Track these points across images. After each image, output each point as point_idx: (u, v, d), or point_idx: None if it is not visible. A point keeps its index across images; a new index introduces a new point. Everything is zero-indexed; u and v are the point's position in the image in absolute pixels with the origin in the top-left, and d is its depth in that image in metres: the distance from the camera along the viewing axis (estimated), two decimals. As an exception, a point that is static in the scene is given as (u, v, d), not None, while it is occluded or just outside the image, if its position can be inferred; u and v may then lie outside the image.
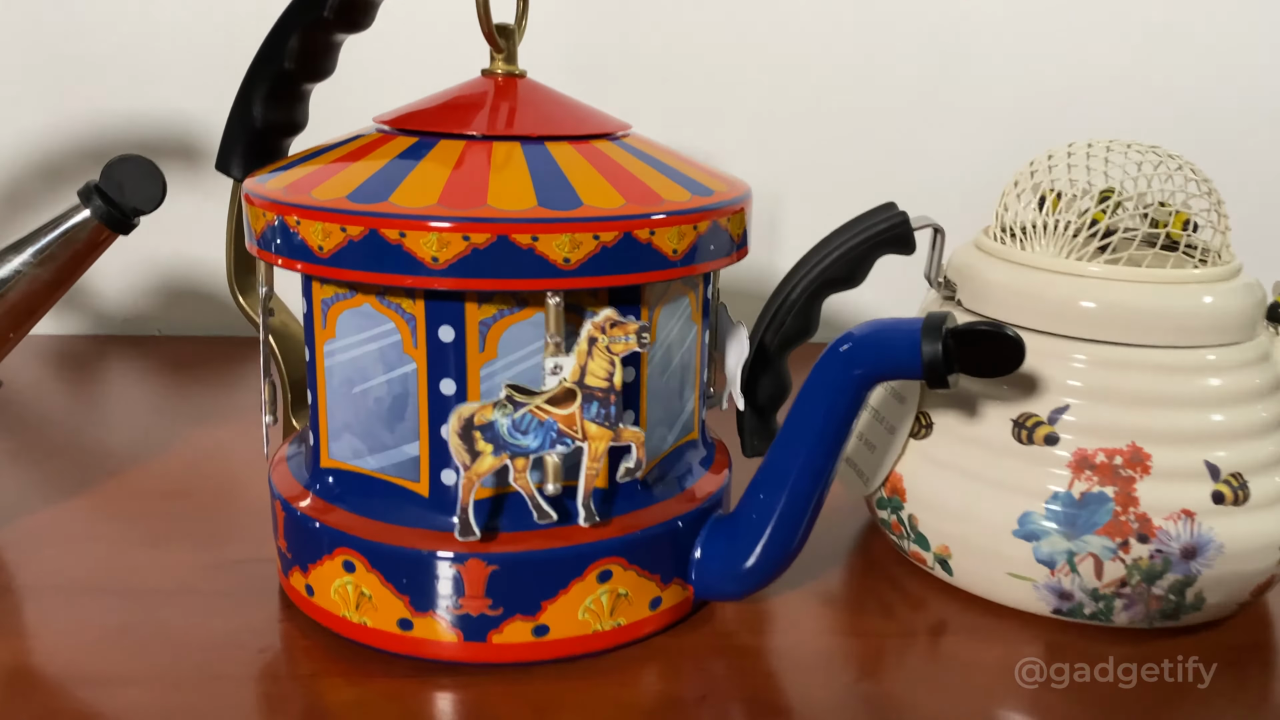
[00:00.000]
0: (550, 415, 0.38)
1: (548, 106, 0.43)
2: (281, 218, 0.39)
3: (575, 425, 0.39)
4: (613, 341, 0.38)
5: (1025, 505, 0.44)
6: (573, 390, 0.38)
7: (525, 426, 0.38)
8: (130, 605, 0.45)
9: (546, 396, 0.38)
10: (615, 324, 0.38)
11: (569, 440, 0.39)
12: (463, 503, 0.39)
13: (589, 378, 0.38)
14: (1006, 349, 0.39)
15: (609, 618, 0.42)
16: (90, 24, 0.79)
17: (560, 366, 0.38)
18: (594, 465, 0.39)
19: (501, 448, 0.38)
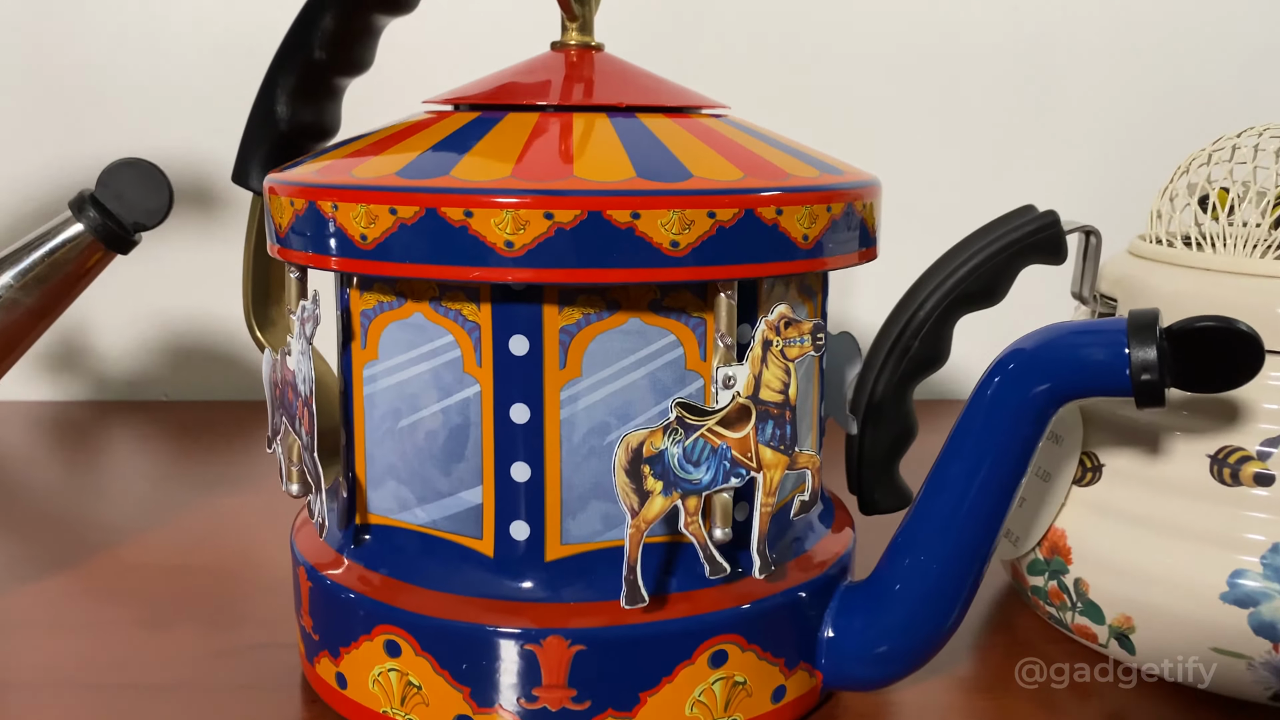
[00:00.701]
0: (724, 439, 0.30)
1: (635, 78, 0.35)
2: (313, 203, 0.31)
3: (749, 451, 0.31)
4: (788, 344, 0.31)
5: (1234, 562, 0.35)
6: (747, 407, 0.30)
7: (697, 456, 0.30)
8: (120, 703, 0.37)
9: (720, 416, 0.30)
10: (790, 323, 0.31)
11: (743, 471, 0.31)
12: (630, 559, 0.30)
13: (764, 390, 0.31)
14: (1241, 350, 0.30)
15: (723, 713, 0.33)
16: (102, 62, 0.73)
17: (733, 378, 0.30)
18: (769, 500, 0.31)
19: (672, 485, 0.30)
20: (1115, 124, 0.77)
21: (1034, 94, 0.76)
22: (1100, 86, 0.77)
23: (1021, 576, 0.42)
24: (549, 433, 0.31)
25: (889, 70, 0.75)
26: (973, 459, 0.33)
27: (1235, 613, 0.35)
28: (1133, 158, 0.76)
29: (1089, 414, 0.40)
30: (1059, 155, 0.77)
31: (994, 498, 0.33)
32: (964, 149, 0.77)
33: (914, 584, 0.34)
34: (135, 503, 0.57)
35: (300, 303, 0.33)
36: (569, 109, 0.33)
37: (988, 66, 0.76)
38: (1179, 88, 0.76)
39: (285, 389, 0.35)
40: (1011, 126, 0.77)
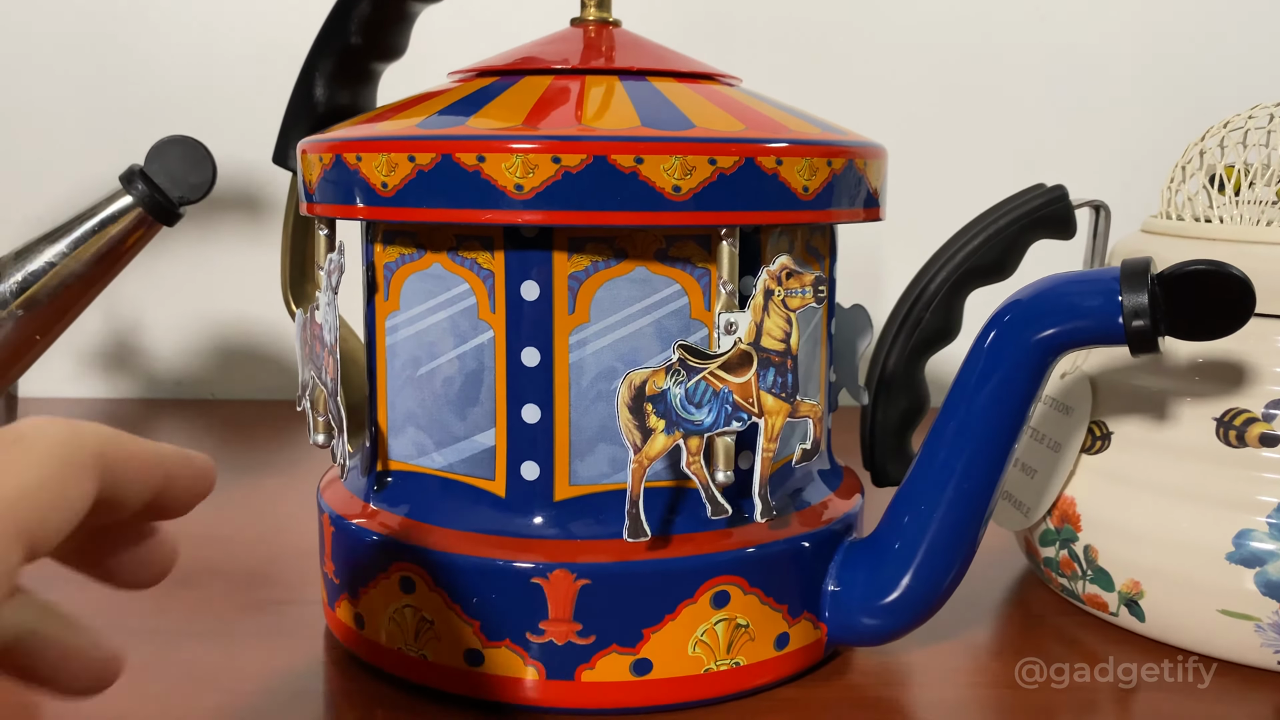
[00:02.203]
0: (726, 384, 0.32)
1: (648, 49, 0.37)
2: (339, 156, 0.33)
3: (751, 396, 0.32)
4: (789, 295, 0.32)
5: (1241, 522, 0.35)
6: (749, 353, 0.32)
7: (699, 398, 0.32)
8: (151, 644, 0.38)
9: (722, 360, 0.32)
10: (791, 273, 0.32)
11: (744, 415, 0.32)
12: (633, 494, 0.32)
13: (765, 338, 0.32)
14: (1233, 293, 0.31)
15: (726, 655, 0.33)
16: (151, 72, 0.76)
17: (735, 324, 0.32)
18: (770, 446, 0.32)
19: (674, 424, 0.31)
20: (1136, 106, 0.77)
21: (1056, 79, 0.77)
22: (1119, 68, 0.77)
23: (1034, 549, 0.42)
24: (558, 376, 0.33)
25: (909, 49, 0.77)
26: (970, 409, 0.33)
27: (1242, 573, 0.35)
28: (1153, 139, 0.77)
29: (1098, 383, 0.41)
30: (1081, 139, 0.78)
31: (993, 449, 0.33)
32: (986, 131, 0.77)
33: (915, 537, 0.35)
34: (178, 484, 0.59)
35: (327, 256, 0.35)
36: (582, 72, 0.35)
37: (1009, 52, 0.77)
38: (1197, 69, 0.77)
39: (314, 343, 0.37)
40: (1038, 113, 0.77)
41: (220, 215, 0.76)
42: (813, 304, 0.32)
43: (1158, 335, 0.31)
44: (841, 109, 0.76)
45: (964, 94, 0.77)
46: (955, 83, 0.77)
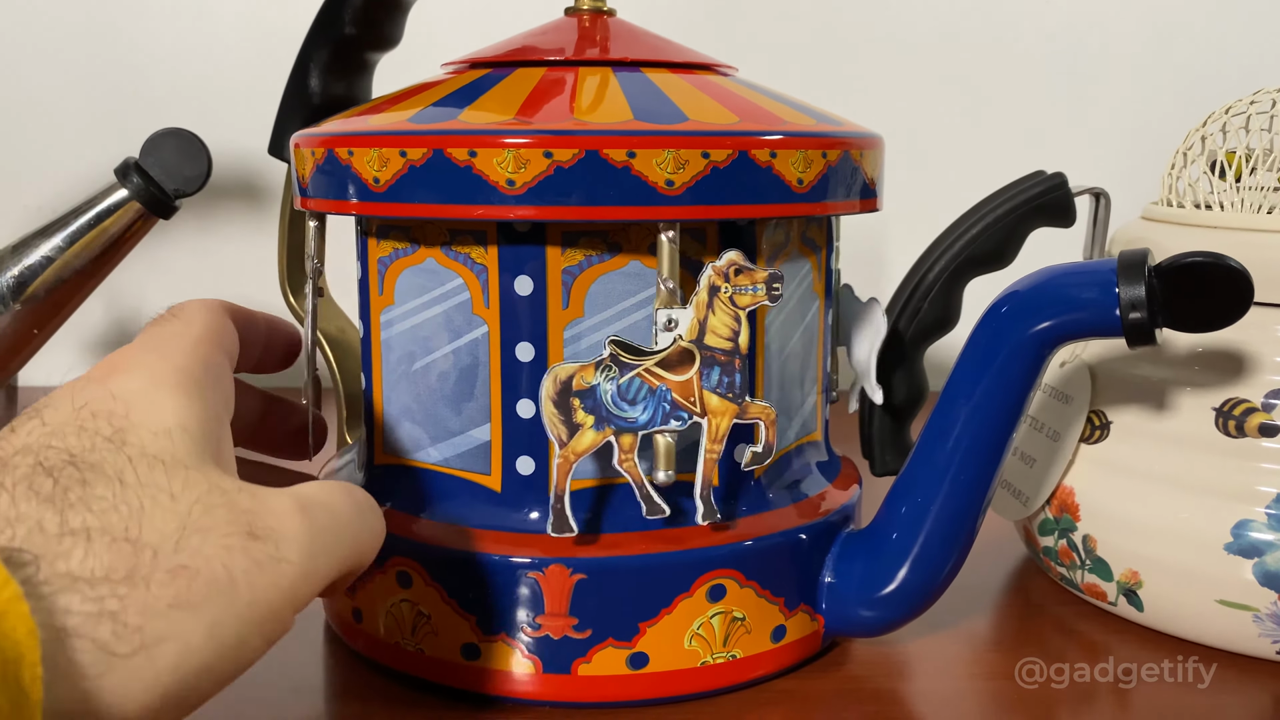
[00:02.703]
0: (663, 381, 0.31)
1: (642, 39, 0.37)
2: (331, 151, 0.33)
3: (692, 395, 0.31)
4: (738, 292, 0.31)
5: (1239, 512, 0.35)
6: (690, 351, 0.31)
7: (633, 394, 0.31)
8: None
9: (659, 358, 0.31)
10: (741, 270, 0.31)
11: (684, 415, 0.31)
12: (558, 488, 0.31)
13: (709, 336, 0.31)
14: (1230, 285, 0.30)
15: (722, 648, 0.33)
16: (152, 62, 0.76)
17: (675, 321, 0.31)
18: (714, 448, 0.32)
19: (604, 420, 0.31)
20: (1138, 92, 0.77)
21: (1057, 65, 0.77)
22: (1121, 54, 0.76)
23: (1033, 538, 0.42)
24: (553, 371, 0.33)
25: (909, 35, 0.76)
26: (968, 401, 0.33)
27: (1240, 563, 0.35)
28: (1154, 125, 0.76)
29: (1098, 372, 0.41)
30: (1083, 125, 0.77)
31: (990, 440, 0.33)
32: (987, 117, 0.77)
33: (912, 528, 0.35)
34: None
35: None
36: (575, 64, 0.34)
37: (1010, 38, 0.76)
38: (1199, 54, 0.76)
39: None
40: (1040, 99, 0.77)
41: (222, 203, 0.76)
42: (765, 302, 0.31)
43: (1155, 328, 0.31)
44: (841, 96, 0.76)
45: (965, 80, 0.77)
46: (956, 69, 0.77)
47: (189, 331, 0.28)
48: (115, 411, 0.23)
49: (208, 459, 0.23)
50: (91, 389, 0.24)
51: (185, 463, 0.23)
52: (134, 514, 0.21)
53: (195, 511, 0.22)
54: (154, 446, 0.23)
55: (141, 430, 0.23)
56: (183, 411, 0.24)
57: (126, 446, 0.22)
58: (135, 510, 0.21)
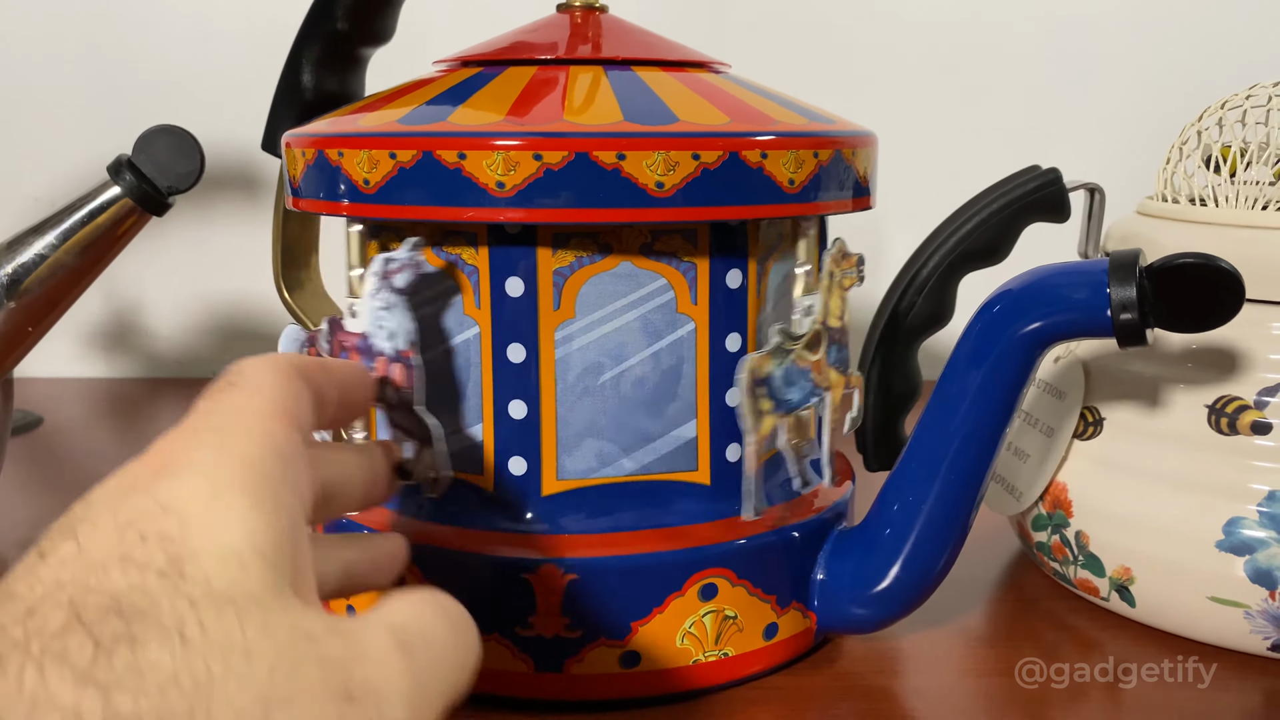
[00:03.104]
0: (807, 363, 0.33)
1: (634, 36, 0.37)
2: (321, 152, 0.33)
3: (822, 372, 0.34)
4: (845, 275, 0.35)
5: (1231, 510, 0.35)
6: (820, 332, 0.34)
7: (793, 377, 0.33)
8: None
9: (805, 341, 0.34)
10: (845, 255, 0.35)
11: (820, 391, 0.34)
12: (756, 476, 0.33)
13: (830, 317, 0.34)
14: (1222, 287, 0.30)
15: (714, 646, 0.34)
16: (149, 53, 0.76)
17: (812, 306, 0.34)
18: (836, 416, 0.35)
19: (777, 405, 0.33)
20: (1134, 86, 0.76)
21: (1054, 62, 0.76)
22: (1117, 48, 0.76)
23: (1027, 533, 0.42)
24: (544, 371, 0.33)
25: (904, 29, 0.76)
26: (960, 400, 0.33)
27: (1232, 560, 0.35)
28: (1150, 119, 0.75)
29: (1091, 369, 0.41)
30: (1079, 119, 0.77)
31: (981, 439, 0.33)
32: (983, 111, 0.77)
33: (904, 525, 0.35)
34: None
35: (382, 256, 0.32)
36: (566, 62, 0.34)
37: (1005, 33, 0.76)
38: (1195, 48, 0.76)
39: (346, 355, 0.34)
40: (1035, 95, 0.76)
41: (219, 196, 0.76)
42: (857, 284, 0.35)
43: (1146, 328, 0.31)
44: (836, 91, 0.75)
45: (960, 75, 0.76)
46: (951, 63, 0.76)
47: (253, 404, 0.22)
48: (169, 532, 0.18)
49: (285, 588, 0.18)
50: (137, 499, 0.19)
51: (260, 599, 0.18)
52: (200, 689, 0.16)
53: (279, 674, 0.17)
54: (221, 579, 0.18)
55: (204, 558, 0.18)
56: (253, 524, 0.19)
57: (186, 583, 0.17)
58: (202, 682, 0.16)
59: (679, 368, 0.33)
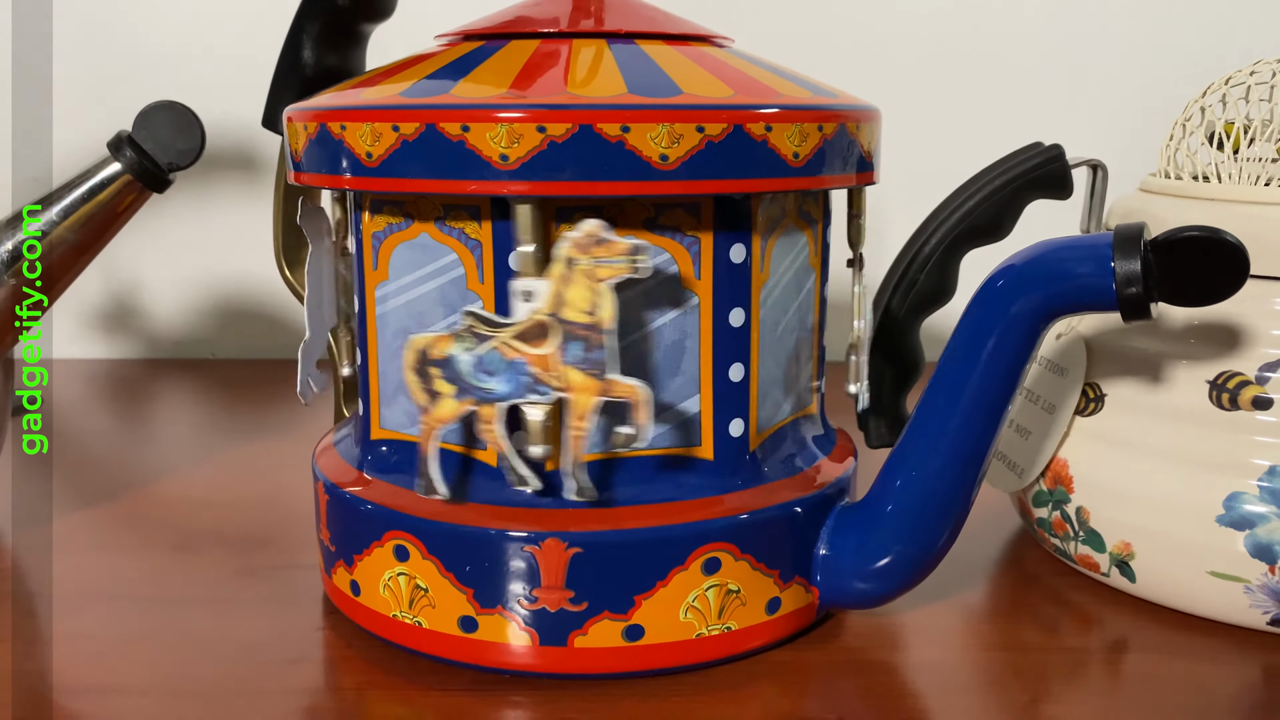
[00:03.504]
0: (520, 355, 0.31)
1: (639, 10, 0.36)
2: (324, 125, 0.33)
3: (552, 370, 0.31)
4: (598, 264, 0.30)
5: (1232, 485, 0.35)
6: (545, 324, 0.30)
7: (492, 366, 0.31)
8: (149, 613, 0.39)
9: (516, 330, 0.31)
10: (601, 241, 0.30)
11: (546, 389, 0.31)
12: (423, 452, 0.32)
13: (567, 310, 0.30)
14: (1226, 260, 0.30)
15: (717, 620, 0.34)
16: (146, 30, 0.75)
17: (533, 293, 0.30)
18: (578, 425, 0.31)
19: (465, 391, 0.31)
20: (1137, 62, 0.76)
21: (1057, 38, 0.76)
22: (1121, 24, 0.76)
23: (1028, 509, 0.42)
24: (548, 346, 0.33)
25: (908, 5, 0.75)
26: (963, 375, 0.33)
27: (1232, 535, 0.35)
28: (1154, 95, 0.75)
29: (1093, 345, 0.41)
30: (1083, 95, 0.77)
31: (984, 414, 0.33)
32: (986, 87, 0.76)
33: (906, 501, 0.35)
34: (177, 447, 0.59)
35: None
36: (569, 36, 0.34)
37: (1009, 8, 0.75)
38: (1198, 24, 0.75)
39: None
40: (1040, 75, 0.76)
41: (219, 174, 0.76)
42: (629, 275, 0.30)
43: (1150, 302, 0.31)
44: (840, 68, 0.76)
45: (963, 50, 0.76)
46: (954, 38, 0.76)
47: None
48: None
49: None
50: None
51: None
52: None
53: None
54: None
55: None
56: None
57: None
58: None
59: (682, 342, 0.33)
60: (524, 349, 0.31)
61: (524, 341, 0.31)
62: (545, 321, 0.30)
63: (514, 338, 0.31)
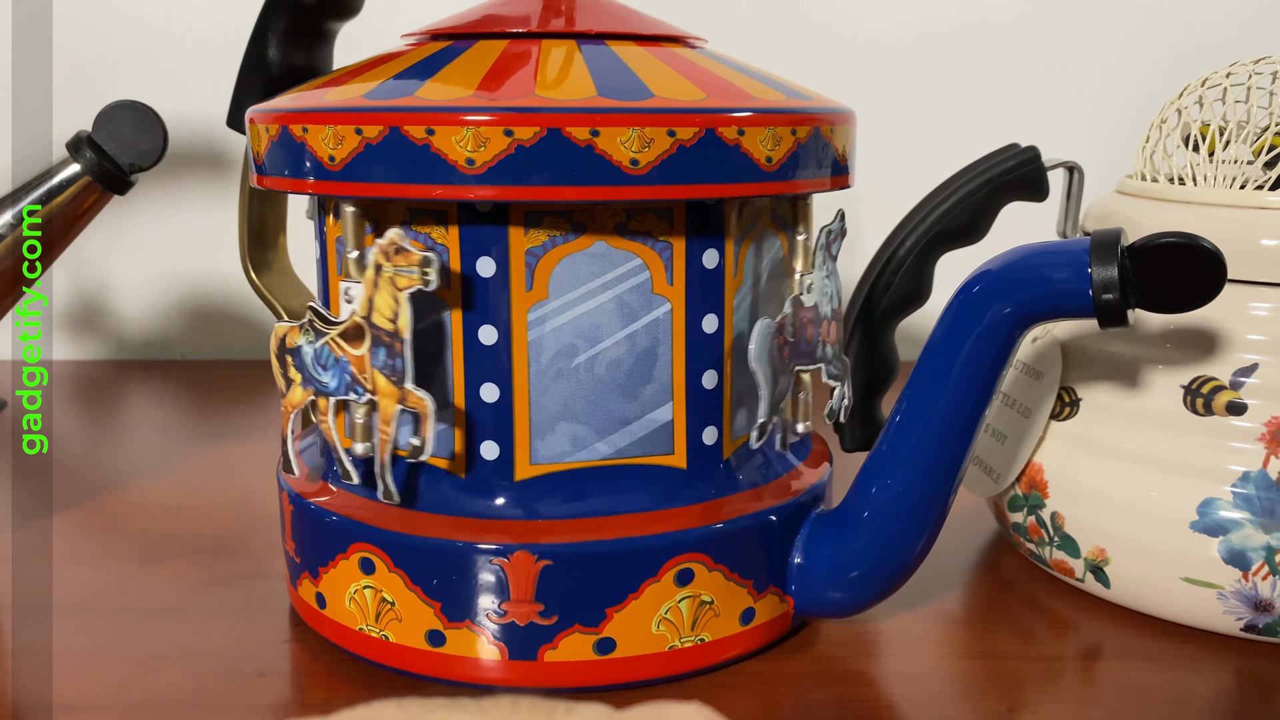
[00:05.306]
0: (344, 353, 0.31)
1: (610, 10, 0.36)
2: (285, 128, 0.32)
3: (366, 371, 0.31)
4: (398, 273, 0.30)
5: (1206, 490, 0.35)
6: (361, 326, 0.31)
7: (325, 360, 0.32)
8: (111, 625, 0.38)
9: (340, 329, 0.32)
10: (400, 250, 0.30)
11: (361, 389, 0.32)
12: (283, 432, 0.34)
13: (376, 315, 0.31)
14: (1204, 266, 0.30)
15: (690, 632, 0.33)
16: (114, 26, 0.74)
17: (351, 295, 0.31)
18: (384, 429, 0.31)
19: (307, 380, 0.32)
20: (1114, 63, 0.76)
21: (1034, 38, 0.76)
22: (1097, 25, 0.76)
23: (1004, 514, 0.42)
24: (517, 354, 0.32)
25: (884, 6, 0.75)
26: (939, 381, 0.33)
27: (1206, 541, 0.35)
28: (1131, 97, 0.75)
29: (1069, 349, 0.40)
30: (1060, 96, 0.76)
31: (960, 420, 0.33)
32: (964, 88, 0.76)
33: (882, 508, 0.34)
34: (145, 452, 0.58)
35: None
36: (538, 36, 0.33)
37: (986, 9, 0.75)
38: (1175, 25, 0.75)
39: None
40: (1018, 76, 0.76)
41: (186, 173, 0.75)
42: (420, 286, 0.30)
43: (1127, 309, 0.30)
44: (814, 69, 0.75)
45: (939, 51, 0.76)
46: (930, 40, 0.76)
47: None
48: None
49: None
50: None
51: None
52: None
53: None
54: None
55: None
56: None
57: None
58: None
59: (654, 349, 0.33)
60: (346, 348, 0.31)
61: (346, 341, 0.31)
62: (360, 324, 0.31)
63: (339, 336, 0.32)
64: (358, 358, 0.31)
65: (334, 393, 0.32)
